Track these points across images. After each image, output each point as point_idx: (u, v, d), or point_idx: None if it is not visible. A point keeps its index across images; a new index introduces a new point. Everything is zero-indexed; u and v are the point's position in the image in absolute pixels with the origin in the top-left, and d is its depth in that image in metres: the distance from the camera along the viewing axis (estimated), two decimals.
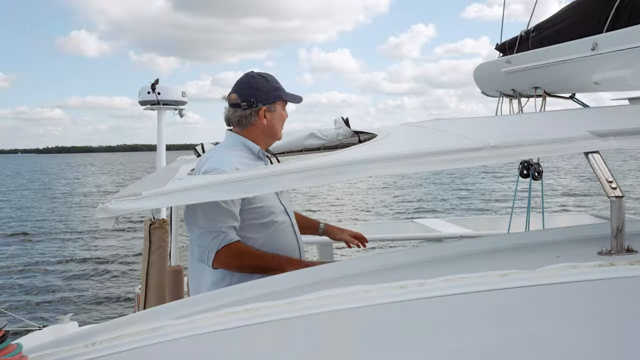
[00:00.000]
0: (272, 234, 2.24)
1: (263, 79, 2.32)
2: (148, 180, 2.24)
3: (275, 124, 2.32)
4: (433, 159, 1.53)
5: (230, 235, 2.10)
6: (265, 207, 2.23)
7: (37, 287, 11.52)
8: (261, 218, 2.22)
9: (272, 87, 2.32)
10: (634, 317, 1.08)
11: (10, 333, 1.13)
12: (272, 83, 2.33)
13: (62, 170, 74.48)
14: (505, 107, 3.66)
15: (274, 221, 2.24)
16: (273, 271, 2.01)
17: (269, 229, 2.23)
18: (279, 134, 2.36)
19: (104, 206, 1.56)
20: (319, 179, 1.57)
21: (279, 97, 2.31)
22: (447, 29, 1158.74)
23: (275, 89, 2.33)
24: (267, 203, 2.24)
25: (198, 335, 1.19)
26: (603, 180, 1.46)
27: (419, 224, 5.57)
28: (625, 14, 2.62)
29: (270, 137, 2.35)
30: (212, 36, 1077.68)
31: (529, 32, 3.40)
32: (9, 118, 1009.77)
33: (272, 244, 2.22)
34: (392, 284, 1.24)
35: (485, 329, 1.10)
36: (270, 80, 2.34)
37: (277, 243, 2.24)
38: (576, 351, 0.99)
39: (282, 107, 2.33)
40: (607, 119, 2.14)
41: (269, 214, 2.24)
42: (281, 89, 2.34)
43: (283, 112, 2.34)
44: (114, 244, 15.65)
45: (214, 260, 2.08)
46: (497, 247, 1.60)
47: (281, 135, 2.38)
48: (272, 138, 2.36)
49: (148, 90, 5.79)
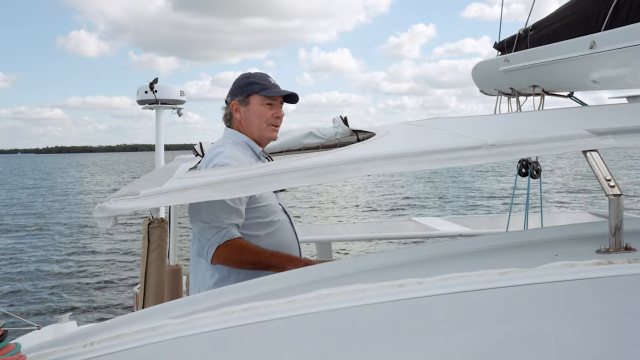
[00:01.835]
0: (275, 232, 2.25)
1: (243, 77, 2.33)
2: (146, 180, 2.23)
3: (250, 118, 2.29)
4: (431, 157, 1.53)
5: (232, 232, 2.11)
6: (269, 205, 2.25)
7: (36, 286, 11.50)
8: (265, 217, 2.24)
9: (248, 82, 2.30)
10: (632, 315, 1.08)
11: (9, 332, 1.13)
12: (251, 79, 2.30)
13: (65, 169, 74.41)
14: (503, 106, 3.66)
15: (275, 220, 2.26)
16: (274, 268, 2.02)
17: (271, 227, 2.25)
18: (263, 131, 2.30)
19: (102, 206, 1.56)
20: (318, 178, 1.57)
21: (252, 90, 2.28)
22: (447, 28, 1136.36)
23: (249, 83, 2.29)
24: (270, 202, 2.26)
25: (197, 334, 1.19)
26: (601, 179, 1.46)
27: (418, 223, 5.58)
28: (623, 12, 2.62)
29: (252, 133, 2.31)
30: (212, 36, 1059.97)
31: (527, 31, 3.40)
32: (9, 118, 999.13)
33: (275, 242, 2.23)
34: (390, 283, 1.24)
35: (484, 328, 1.10)
36: (251, 77, 2.31)
37: (279, 241, 2.25)
38: (575, 349, 0.99)
39: (258, 101, 2.27)
40: (605, 117, 2.14)
41: (272, 212, 2.26)
42: (257, 83, 2.28)
43: (261, 107, 2.27)
44: (113, 243, 15.64)
45: (213, 255, 2.08)
46: (496, 246, 1.60)
47: (269, 133, 2.31)
48: (254, 134, 2.31)
49: (146, 90, 5.78)
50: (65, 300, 10.41)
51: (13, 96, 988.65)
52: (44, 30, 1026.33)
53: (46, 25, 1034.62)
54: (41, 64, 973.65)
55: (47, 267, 13.21)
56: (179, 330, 1.21)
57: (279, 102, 2.32)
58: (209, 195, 1.58)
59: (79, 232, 18.25)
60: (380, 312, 1.19)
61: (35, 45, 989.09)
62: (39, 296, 10.80)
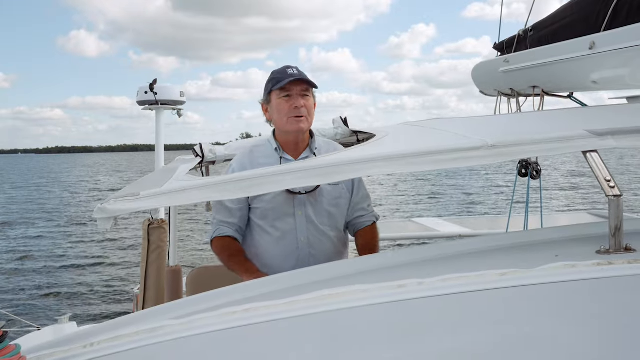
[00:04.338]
0: (267, 240, 2.32)
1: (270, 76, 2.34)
2: (146, 181, 2.24)
3: (274, 115, 2.30)
4: (431, 158, 1.52)
5: (221, 229, 2.29)
6: (262, 209, 2.29)
7: (36, 287, 11.50)
8: (261, 219, 2.31)
9: (268, 80, 2.32)
10: (632, 316, 1.08)
11: (9, 333, 1.13)
12: (271, 76, 2.31)
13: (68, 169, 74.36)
14: (503, 106, 3.66)
15: (274, 227, 2.30)
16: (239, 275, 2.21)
17: (267, 234, 2.31)
18: (285, 126, 2.27)
19: (102, 207, 1.56)
20: (318, 179, 1.57)
21: (269, 88, 2.29)
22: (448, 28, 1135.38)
23: (268, 81, 2.31)
24: (273, 206, 2.28)
25: (197, 335, 1.19)
26: (601, 179, 1.46)
27: (418, 223, 5.58)
28: (623, 12, 2.62)
29: (279, 129, 2.33)
30: (212, 36, 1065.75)
31: (527, 31, 3.40)
32: (9, 118, 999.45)
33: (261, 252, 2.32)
34: (390, 284, 1.24)
35: (484, 328, 1.10)
36: (272, 74, 2.32)
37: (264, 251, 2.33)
38: (575, 350, 0.99)
39: (276, 97, 2.26)
40: (605, 118, 2.14)
41: (271, 217, 2.29)
42: (273, 79, 2.27)
43: (279, 102, 2.25)
44: (113, 243, 15.63)
45: (211, 246, 2.31)
46: (496, 247, 1.60)
47: (291, 126, 2.25)
48: (281, 130, 2.32)
49: (146, 90, 5.78)
50: (65, 301, 10.41)
51: (13, 96, 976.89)
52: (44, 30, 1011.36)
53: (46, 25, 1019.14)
54: (41, 64, 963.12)
55: (47, 268, 13.20)
56: (179, 331, 1.21)
57: (298, 92, 2.24)
58: (209, 196, 1.58)
59: (79, 232, 18.25)
60: (380, 312, 1.19)
61: (35, 45, 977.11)
62: (39, 297, 10.79)
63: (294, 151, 2.32)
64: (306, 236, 2.26)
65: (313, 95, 2.30)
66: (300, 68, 2.31)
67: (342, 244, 2.40)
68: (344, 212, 2.37)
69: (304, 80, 2.24)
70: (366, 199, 2.45)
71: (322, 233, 2.28)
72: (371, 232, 2.42)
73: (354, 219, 2.41)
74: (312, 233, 2.27)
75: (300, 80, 2.23)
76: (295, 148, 2.32)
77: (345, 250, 2.43)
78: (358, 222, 2.42)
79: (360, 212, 2.42)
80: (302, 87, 2.24)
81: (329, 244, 2.30)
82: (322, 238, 2.29)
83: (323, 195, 2.29)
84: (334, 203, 2.32)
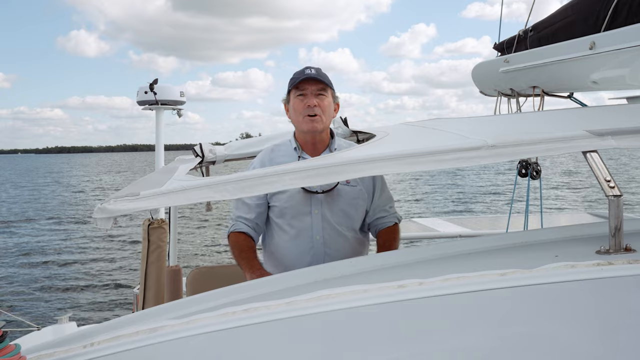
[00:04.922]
0: (282, 240, 2.36)
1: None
2: (146, 181, 2.24)
3: (292, 115, 2.33)
4: (431, 158, 1.52)
5: (237, 225, 2.32)
6: (281, 207, 2.31)
7: (35, 287, 11.50)
8: (278, 217, 2.34)
9: (289, 81, 2.34)
10: (632, 316, 1.08)
11: (8, 333, 1.13)
12: (291, 77, 2.33)
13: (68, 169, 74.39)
14: (503, 106, 3.67)
15: (290, 224, 2.34)
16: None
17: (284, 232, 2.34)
18: (300, 125, 2.29)
19: (102, 206, 1.56)
20: (318, 179, 1.57)
21: (288, 89, 2.33)
22: (448, 28, 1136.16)
23: (288, 83, 2.33)
24: (288, 204, 2.30)
25: (197, 335, 1.19)
26: (601, 179, 1.46)
27: (418, 223, 5.59)
28: (622, 13, 2.62)
29: (297, 129, 2.36)
30: (212, 36, 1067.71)
31: (527, 32, 3.40)
32: (9, 118, 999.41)
33: (275, 251, 2.37)
34: (390, 284, 1.24)
35: (484, 328, 1.10)
36: (293, 75, 2.33)
37: (279, 251, 2.36)
38: (575, 350, 0.99)
39: (293, 96, 2.29)
40: (605, 118, 2.14)
41: (288, 216, 2.32)
42: (291, 79, 2.31)
43: (295, 101, 2.27)
44: (113, 243, 15.63)
45: (228, 241, 2.35)
46: (496, 247, 1.60)
47: (305, 125, 2.27)
48: (298, 129, 2.35)
49: (146, 90, 5.79)
50: (65, 301, 10.41)
51: (13, 96, 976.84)
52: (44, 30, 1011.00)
53: (46, 25, 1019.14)
54: (41, 64, 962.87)
55: (47, 268, 13.20)
56: (179, 331, 1.21)
57: (313, 91, 2.25)
58: (209, 196, 1.58)
59: (79, 233, 18.25)
60: (380, 312, 1.18)
61: (35, 45, 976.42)
62: (38, 297, 10.80)
63: (313, 151, 2.32)
64: (321, 235, 2.26)
65: (333, 95, 2.31)
66: (301, 68, 2.32)
67: (360, 244, 2.39)
68: (362, 213, 2.37)
69: (318, 80, 2.24)
70: (389, 201, 2.46)
71: (338, 232, 2.28)
72: (392, 232, 2.42)
73: (375, 219, 2.41)
74: (327, 232, 2.26)
75: (314, 79, 2.24)
76: (314, 148, 2.33)
77: (363, 251, 2.42)
78: (379, 222, 2.42)
79: (382, 213, 2.42)
80: (317, 86, 2.25)
81: (345, 244, 2.30)
82: (338, 237, 2.28)
83: (340, 195, 2.28)
84: (351, 203, 2.32)
